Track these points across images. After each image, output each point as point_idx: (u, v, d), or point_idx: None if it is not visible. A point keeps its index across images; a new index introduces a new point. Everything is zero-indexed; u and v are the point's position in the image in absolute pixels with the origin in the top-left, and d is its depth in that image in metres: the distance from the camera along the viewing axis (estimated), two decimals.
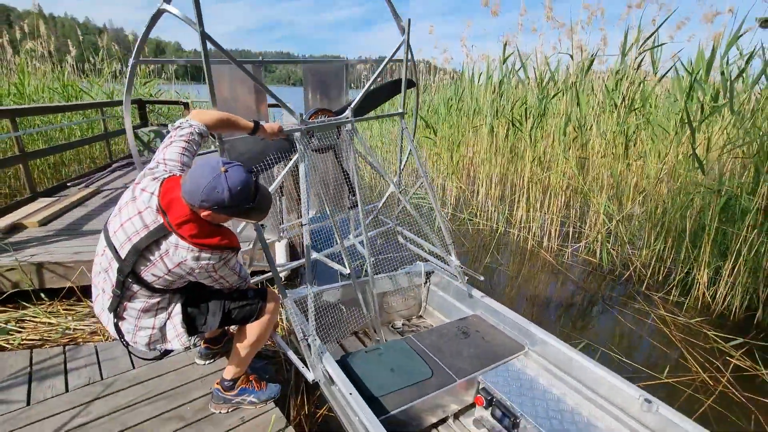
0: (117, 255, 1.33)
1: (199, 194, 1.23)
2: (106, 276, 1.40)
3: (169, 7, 1.44)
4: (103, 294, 1.44)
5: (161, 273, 1.34)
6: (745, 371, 2.54)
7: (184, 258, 1.31)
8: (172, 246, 1.30)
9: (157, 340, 1.51)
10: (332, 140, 2.11)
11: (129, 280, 1.35)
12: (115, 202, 3.97)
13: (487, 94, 5.82)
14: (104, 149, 6.38)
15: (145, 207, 1.31)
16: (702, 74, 3.40)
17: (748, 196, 3.02)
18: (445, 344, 2.05)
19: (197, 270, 1.36)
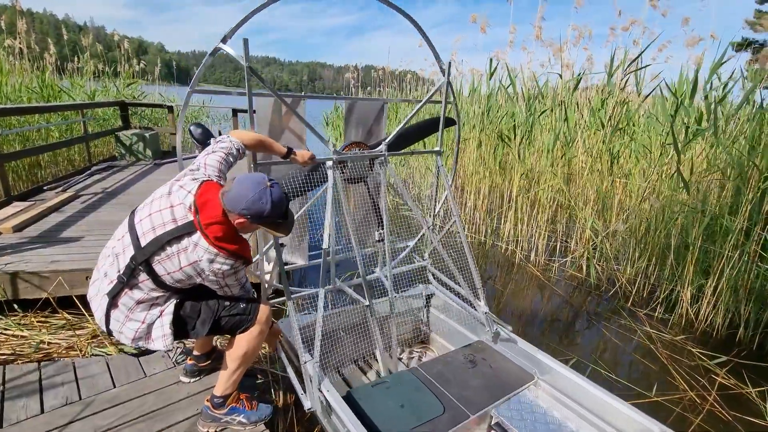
0: (137, 242, 1.37)
1: (243, 202, 1.34)
2: (114, 260, 1.42)
3: (223, 46, 1.65)
4: (104, 278, 1.45)
5: (173, 268, 1.38)
6: (731, 389, 2.59)
7: (200, 257, 1.36)
8: (192, 244, 1.35)
9: (142, 336, 1.49)
10: (364, 172, 2.18)
11: (140, 269, 1.38)
12: (94, 208, 3.85)
13: (475, 108, 5.90)
14: (83, 151, 6.15)
15: (179, 202, 1.38)
16: (686, 97, 3.52)
17: (729, 217, 3.11)
18: (452, 374, 1.97)
19: (207, 272, 1.39)
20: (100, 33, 49.27)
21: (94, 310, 1.50)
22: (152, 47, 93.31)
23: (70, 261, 2.68)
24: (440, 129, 2.37)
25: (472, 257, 2.31)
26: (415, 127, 2.43)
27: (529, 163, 4.80)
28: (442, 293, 2.57)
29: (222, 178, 1.52)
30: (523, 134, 4.80)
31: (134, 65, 9.35)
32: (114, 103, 6.90)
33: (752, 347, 3.05)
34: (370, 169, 2.22)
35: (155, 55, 56.88)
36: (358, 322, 2.19)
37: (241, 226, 1.41)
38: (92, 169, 5.40)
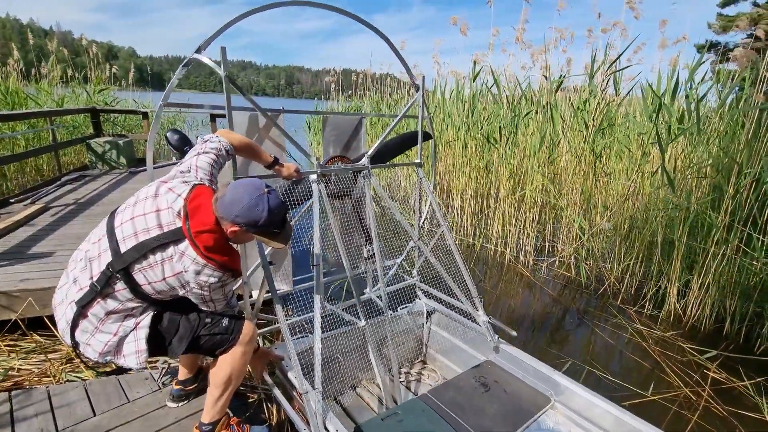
0: (116, 248, 1.25)
1: (237, 209, 1.25)
2: (87, 266, 1.29)
3: (199, 56, 1.58)
4: (73, 285, 1.31)
5: (155, 278, 1.27)
6: (723, 384, 2.63)
7: (185, 268, 1.25)
8: (178, 253, 1.25)
9: (111, 350, 1.35)
10: (348, 186, 2.13)
11: (117, 277, 1.26)
12: (66, 221, 3.64)
13: (459, 110, 5.90)
14: (52, 161, 5.85)
15: (167, 207, 1.27)
16: (668, 97, 3.60)
17: (713, 213, 3.18)
18: (465, 400, 1.85)
19: (193, 284, 1.29)
20: (67, 38, 47.56)
21: (57, 318, 1.34)
22: (123, 52, 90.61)
23: (40, 279, 2.50)
24: (419, 142, 2.39)
25: (465, 266, 2.24)
26: (395, 140, 2.43)
27: (514, 164, 4.83)
28: (438, 308, 2.48)
29: (214, 182, 1.42)
30: (509, 136, 4.82)
31: (105, 70, 9.01)
32: (85, 110, 6.60)
33: (739, 340, 3.12)
34: (354, 182, 2.18)
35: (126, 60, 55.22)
36: (354, 346, 2.08)
37: (233, 235, 1.30)
38: (63, 180, 5.13)
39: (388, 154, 2.36)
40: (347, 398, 2.14)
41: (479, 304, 2.20)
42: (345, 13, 2.00)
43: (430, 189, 2.39)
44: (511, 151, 4.83)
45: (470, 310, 2.21)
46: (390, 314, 2.17)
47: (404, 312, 2.43)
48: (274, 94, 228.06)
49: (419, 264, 2.56)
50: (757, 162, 3.01)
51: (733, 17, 14.41)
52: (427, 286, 2.55)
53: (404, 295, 2.52)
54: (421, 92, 2.28)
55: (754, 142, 3.07)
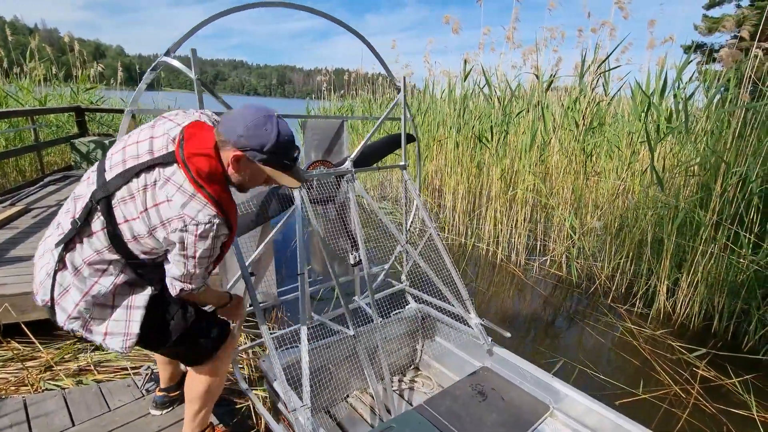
0: (102, 178, 1.10)
1: (242, 127, 1.05)
2: (72, 205, 1.14)
3: (168, 59, 1.51)
4: (56, 230, 1.15)
5: (133, 214, 1.07)
6: (711, 381, 2.64)
7: (169, 197, 1.04)
8: (163, 178, 1.05)
9: (81, 316, 1.13)
10: (332, 191, 2.09)
11: (97, 209, 1.08)
12: (47, 223, 3.53)
13: (450, 109, 5.89)
14: (35, 161, 5.71)
15: (162, 133, 1.11)
16: (657, 96, 3.62)
17: (701, 212, 3.21)
18: (463, 410, 1.79)
19: (173, 225, 1.05)
20: (53, 36, 46.70)
21: (36, 272, 1.17)
22: (110, 50, 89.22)
23: (19, 284, 2.42)
24: (402, 144, 2.35)
25: (455, 268, 2.20)
26: (379, 143, 2.40)
27: (505, 164, 4.83)
28: (430, 313, 2.43)
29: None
30: (500, 135, 4.82)
31: (90, 68, 8.83)
32: (69, 109, 6.45)
33: (727, 338, 3.15)
34: (338, 187, 2.13)
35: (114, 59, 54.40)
36: (345, 355, 2.02)
37: (236, 164, 1.09)
38: (45, 180, 5.00)
39: (371, 157, 2.32)
40: (339, 410, 2.07)
41: (471, 307, 2.17)
42: (319, 13, 1.94)
43: (415, 191, 2.35)
44: (503, 150, 4.82)
45: (462, 312, 2.18)
46: (380, 321, 2.12)
47: (396, 318, 2.36)
48: (266, 94, 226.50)
49: (408, 268, 2.52)
50: (744, 161, 3.04)
51: (719, 19, 14.64)
52: (417, 290, 2.51)
53: (396, 301, 2.48)
54: (402, 94, 2.24)
55: (740, 142, 3.10)
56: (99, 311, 1.14)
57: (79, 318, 1.13)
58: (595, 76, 4.29)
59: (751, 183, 2.99)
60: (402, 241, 2.29)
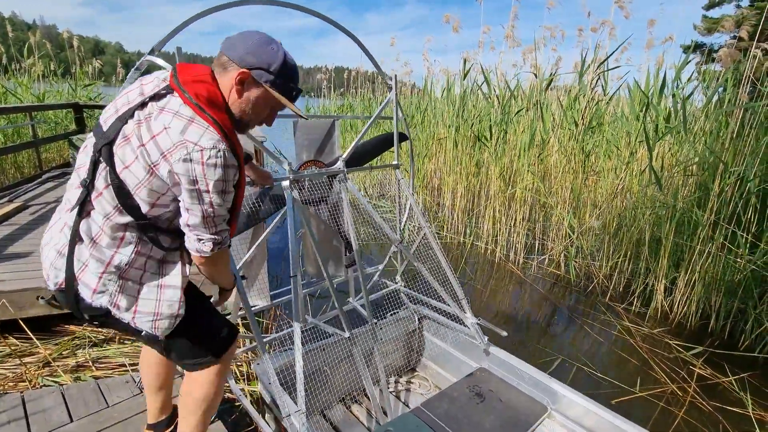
0: (99, 131, 1.00)
1: (247, 44, 0.98)
2: (76, 176, 1.05)
3: (152, 57, 1.46)
4: (65, 205, 1.06)
5: (130, 156, 0.95)
6: (708, 380, 2.66)
7: (166, 125, 0.93)
8: (157, 109, 0.95)
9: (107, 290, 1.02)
10: (324, 192, 2.06)
11: (100, 160, 0.98)
12: (46, 220, 3.52)
13: (449, 108, 5.90)
14: (33, 158, 5.70)
15: (152, 79, 1.03)
16: (655, 96, 3.62)
17: (699, 211, 3.22)
18: (460, 412, 1.78)
19: (176, 155, 0.92)
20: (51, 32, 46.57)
21: (43, 260, 1.07)
22: (110, 47, 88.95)
23: (17, 280, 2.42)
24: (395, 143, 2.33)
25: (450, 268, 2.18)
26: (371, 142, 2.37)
27: (504, 163, 4.83)
28: (426, 313, 2.43)
29: None
30: (499, 134, 4.82)
31: (88, 65, 8.80)
32: (67, 105, 6.43)
33: (723, 336, 3.16)
34: (330, 187, 2.11)
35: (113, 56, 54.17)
36: (340, 357, 2.00)
37: (241, 85, 0.99)
38: (44, 177, 4.99)
39: (364, 156, 2.29)
40: (335, 412, 2.06)
41: (466, 306, 2.16)
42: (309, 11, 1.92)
43: (409, 191, 2.33)
44: (502, 149, 4.83)
45: (458, 312, 2.17)
46: (375, 323, 2.12)
47: (391, 319, 2.36)
48: None
49: (402, 268, 2.51)
50: (742, 161, 3.05)
51: (718, 19, 14.65)
52: (412, 290, 2.49)
53: (391, 302, 2.47)
54: (394, 92, 2.21)
55: (738, 142, 3.11)
56: (126, 286, 1.04)
57: (105, 292, 1.02)
58: (594, 76, 4.29)
59: (748, 183, 3.00)
60: (396, 241, 2.28)
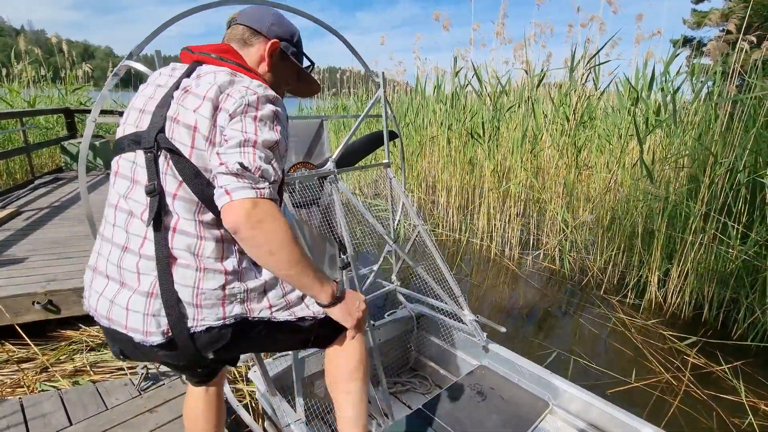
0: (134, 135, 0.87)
1: (270, 17, 0.95)
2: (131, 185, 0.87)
3: (131, 62, 1.40)
4: (114, 228, 0.88)
5: (188, 123, 0.83)
6: (702, 368, 2.70)
7: (212, 82, 0.84)
8: (195, 78, 0.87)
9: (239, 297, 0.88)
10: (315, 194, 2.04)
11: (160, 153, 0.83)
12: (40, 225, 3.51)
13: (440, 105, 5.92)
14: (25, 163, 5.65)
15: (167, 68, 0.96)
16: (645, 89, 3.66)
17: (690, 203, 3.26)
18: (462, 412, 1.76)
19: (231, 99, 0.83)
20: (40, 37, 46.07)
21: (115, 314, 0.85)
22: (99, 51, 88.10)
23: (12, 285, 2.41)
24: (385, 141, 2.32)
25: (446, 265, 2.18)
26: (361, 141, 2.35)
27: (497, 159, 4.86)
28: (423, 312, 2.43)
29: None
30: (492, 131, 4.85)
31: (77, 69, 8.73)
32: (58, 110, 6.40)
33: (716, 326, 3.20)
34: (321, 189, 2.09)
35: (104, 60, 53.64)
36: None
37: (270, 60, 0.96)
38: (36, 183, 4.97)
39: (354, 155, 2.27)
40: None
41: (464, 303, 2.16)
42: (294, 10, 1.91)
43: (401, 189, 2.33)
44: (495, 145, 4.86)
45: (455, 310, 2.18)
46: (373, 324, 2.13)
47: (389, 319, 2.36)
48: None
49: (398, 268, 2.52)
50: (731, 152, 3.09)
51: (706, 13, 14.79)
52: (408, 290, 2.49)
53: (388, 302, 2.47)
54: (382, 89, 2.20)
55: (727, 133, 3.15)
56: (252, 283, 0.91)
57: (235, 300, 0.88)
58: (584, 71, 4.33)
59: (738, 174, 3.04)
60: (390, 241, 2.28)
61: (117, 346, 0.93)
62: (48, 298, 2.33)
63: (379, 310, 2.40)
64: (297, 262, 0.84)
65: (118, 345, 0.92)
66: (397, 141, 2.56)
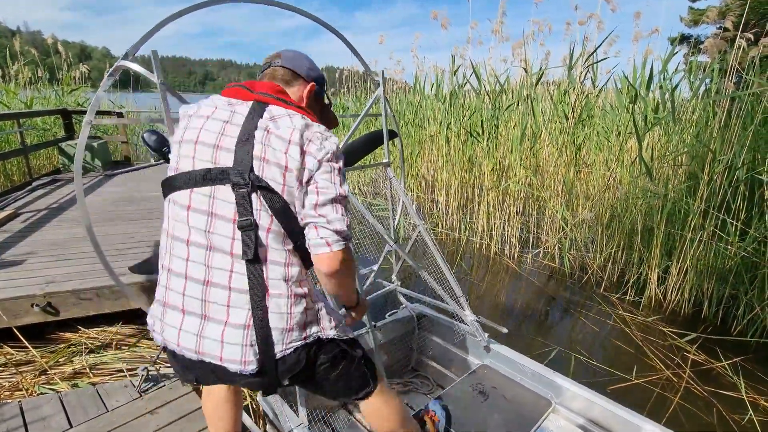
0: (218, 170, 0.90)
1: (306, 61, 1.08)
2: (209, 220, 0.89)
3: (127, 63, 1.38)
4: (188, 263, 0.91)
5: (279, 163, 0.89)
6: (702, 365, 2.70)
7: (292, 128, 0.90)
8: (269, 119, 0.91)
9: (318, 317, 1.00)
10: None
11: (253, 190, 0.88)
12: (38, 227, 3.50)
13: (439, 104, 5.91)
14: (22, 165, 5.63)
15: (222, 103, 0.97)
16: (643, 87, 3.67)
17: (689, 200, 3.26)
18: (465, 413, 1.75)
19: (313, 143, 0.91)
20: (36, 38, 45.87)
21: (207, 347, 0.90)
22: (96, 52, 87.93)
23: (11, 288, 2.39)
24: (385, 140, 2.29)
25: (447, 265, 2.16)
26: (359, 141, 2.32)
27: (497, 158, 4.86)
28: (425, 312, 2.42)
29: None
30: (491, 129, 4.85)
31: (75, 70, 8.70)
32: (55, 112, 6.36)
33: (716, 322, 3.21)
34: None
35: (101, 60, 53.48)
36: None
37: (309, 97, 1.06)
38: (34, 184, 4.94)
39: (353, 155, 2.25)
40: (338, 418, 2.02)
41: (465, 303, 2.15)
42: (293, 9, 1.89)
43: (401, 188, 2.31)
44: (494, 144, 4.86)
45: (456, 310, 2.17)
46: (374, 324, 2.12)
47: (391, 319, 2.34)
48: None
49: (398, 268, 2.51)
50: (729, 149, 3.10)
51: (704, 10, 14.81)
52: (409, 290, 2.49)
53: (389, 302, 2.46)
54: (381, 88, 2.18)
55: (725, 131, 3.16)
56: (319, 303, 1.02)
57: (314, 321, 0.98)
58: (583, 69, 4.33)
59: (737, 171, 3.05)
60: (390, 241, 2.26)
61: (192, 374, 1.00)
62: (47, 300, 2.32)
63: (380, 311, 2.39)
64: (354, 287, 1.07)
65: (196, 372, 0.98)
66: (397, 140, 2.54)
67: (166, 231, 0.95)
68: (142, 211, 4.02)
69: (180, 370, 1.01)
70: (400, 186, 2.30)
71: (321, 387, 1.09)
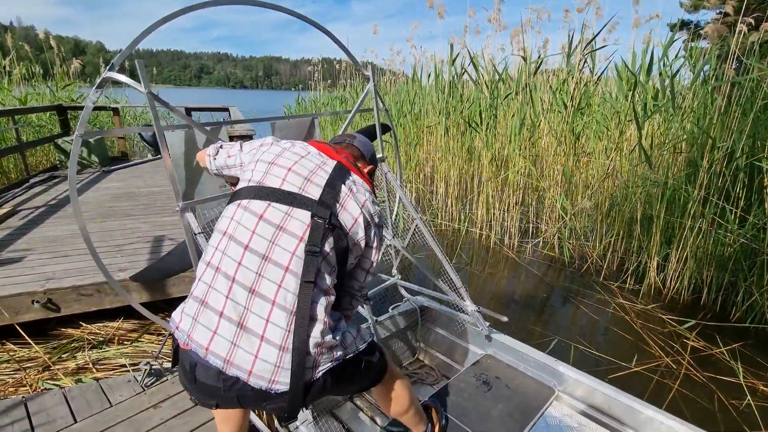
0: (303, 198, 0.99)
1: (371, 147, 1.29)
2: (270, 245, 0.94)
3: (113, 74, 1.38)
4: (239, 267, 0.92)
5: (353, 215, 1.04)
6: (701, 351, 2.72)
7: (365, 198, 1.08)
8: (352, 183, 1.08)
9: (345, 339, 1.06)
10: None
11: (328, 229, 0.98)
12: (37, 224, 3.48)
13: (438, 94, 5.87)
14: (19, 162, 5.60)
15: (312, 153, 1.12)
16: (643, 74, 3.63)
17: (689, 188, 3.25)
18: (469, 403, 1.77)
19: (375, 218, 1.10)
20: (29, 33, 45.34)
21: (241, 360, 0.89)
22: (90, 47, 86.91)
23: (10, 285, 2.39)
24: (378, 135, 2.29)
25: (445, 257, 2.16)
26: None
27: (495, 148, 4.84)
28: (426, 304, 2.43)
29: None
30: (489, 119, 4.82)
31: (67, 65, 8.61)
32: (50, 108, 6.31)
33: (715, 309, 3.23)
34: None
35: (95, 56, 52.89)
36: None
37: (367, 178, 1.20)
38: (31, 181, 4.91)
39: None
40: (344, 410, 2.03)
41: (465, 294, 2.16)
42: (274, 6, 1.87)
43: (397, 183, 2.30)
44: (492, 134, 4.83)
45: (457, 301, 2.17)
46: (375, 319, 2.11)
47: (394, 312, 2.36)
48: (253, 86, 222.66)
49: (398, 262, 2.51)
50: (729, 136, 3.08)
51: None
52: (411, 282, 2.49)
53: (390, 295, 2.47)
54: (372, 83, 2.17)
55: (725, 117, 3.14)
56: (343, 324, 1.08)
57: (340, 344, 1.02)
58: (582, 57, 4.29)
59: (737, 158, 3.04)
60: (389, 236, 2.26)
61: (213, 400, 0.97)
62: (47, 297, 2.32)
63: (382, 304, 2.40)
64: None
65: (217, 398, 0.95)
66: (391, 134, 2.53)
67: (223, 231, 0.99)
68: (140, 207, 4.01)
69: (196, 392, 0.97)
70: (396, 180, 2.28)
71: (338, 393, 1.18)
